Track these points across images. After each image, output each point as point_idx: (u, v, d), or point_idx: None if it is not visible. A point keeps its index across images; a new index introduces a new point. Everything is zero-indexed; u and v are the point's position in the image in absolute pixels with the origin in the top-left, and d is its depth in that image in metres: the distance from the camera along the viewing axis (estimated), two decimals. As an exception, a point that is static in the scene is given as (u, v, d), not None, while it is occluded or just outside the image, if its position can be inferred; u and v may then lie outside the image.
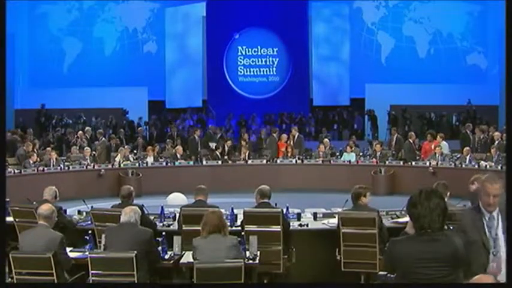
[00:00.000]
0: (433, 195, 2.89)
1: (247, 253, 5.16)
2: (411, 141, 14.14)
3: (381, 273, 5.28)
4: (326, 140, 15.25)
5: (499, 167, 11.35)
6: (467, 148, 12.94)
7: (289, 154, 14.28)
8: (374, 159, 13.60)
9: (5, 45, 5.04)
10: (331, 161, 13.80)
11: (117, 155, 13.71)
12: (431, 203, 2.84)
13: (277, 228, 5.89)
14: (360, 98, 21.30)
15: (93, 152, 14.08)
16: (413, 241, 2.88)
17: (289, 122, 20.04)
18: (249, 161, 13.90)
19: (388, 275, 3.70)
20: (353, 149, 14.44)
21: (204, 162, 13.78)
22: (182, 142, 15.65)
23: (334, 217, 6.66)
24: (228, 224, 5.75)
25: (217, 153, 14.25)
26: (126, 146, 14.81)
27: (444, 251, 2.82)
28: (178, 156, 13.95)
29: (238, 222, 6.40)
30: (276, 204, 6.33)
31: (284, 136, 15.15)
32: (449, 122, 20.11)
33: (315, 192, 12.51)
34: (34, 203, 6.59)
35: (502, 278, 3.13)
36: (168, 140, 16.02)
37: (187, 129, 18.74)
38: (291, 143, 14.78)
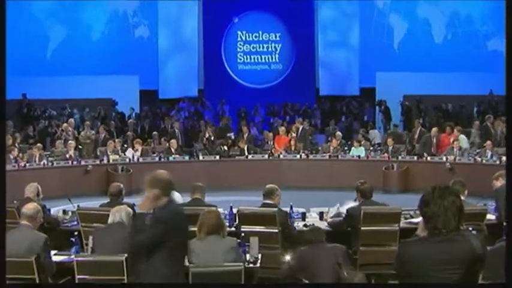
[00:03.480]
0: (448, 193, 2.86)
1: (248, 256, 5.16)
2: (431, 134, 14.10)
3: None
4: (338, 133, 15.22)
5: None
6: (489, 142, 12.92)
7: (292, 148, 14.27)
8: (385, 154, 13.59)
9: (5, 45, 5.19)
10: (339, 156, 13.79)
11: (106, 149, 13.72)
12: (446, 201, 2.82)
13: (274, 229, 5.90)
14: (370, 88, 21.27)
15: (79, 146, 14.08)
16: (427, 243, 2.86)
17: (293, 114, 20.03)
18: (249, 156, 13.89)
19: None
20: (362, 143, 14.43)
21: (201, 157, 13.79)
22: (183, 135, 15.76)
23: (342, 217, 6.67)
24: (227, 224, 5.75)
25: (223, 147, 14.25)
26: (117, 140, 14.81)
27: (461, 252, 2.80)
28: (173, 150, 13.96)
29: (238, 223, 6.40)
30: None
31: (282, 129, 15.13)
32: (469, 114, 20.06)
33: (321, 190, 12.49)
34: (15, 202, 6.59)
35: None
36: (154, 133, 16.05)
37: (182, 120, 18.72)
38: (293, 135, 14.77)
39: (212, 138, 15.08)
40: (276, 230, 5.91)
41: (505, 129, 11.27)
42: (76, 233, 5.81)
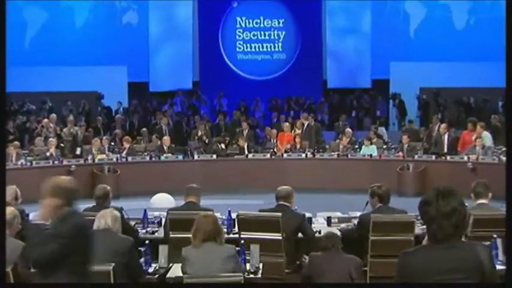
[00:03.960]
0: (451, 198, 2.87)
1: (248, 265, 5.16)
2: (441, 132, 14.09)
3: None
4: (349, 130, 15.21)
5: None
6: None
7: (297, 146, 14.27)
8: (400, 153, 13.59)
9: (5, 45, 5.01)
10: (349, 155, 13.79)
11: (91, 147, 13.72)
12: (448, 207, 2.84)
13: (276, 236, 5.91)
14: (383, 79, 21.26)
15: (61, 144, 14.08)
16: (428, 250, 2.89)
17: (297, 109, 20.03)
18: (250, 155, 13.89)
19: None
20: (374, 140, 14.42)
21: (196, 156, 13.80)
22: (171, 132, 15.74)
23: (352, 222, 6.66)
24: (225, 230, 5.75)
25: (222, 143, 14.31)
26: (104, 137, 14.82)
27: (466, 260, 2.83)
28: (165, 148, 13.97)
29: (236, 229, 6.40)
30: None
31: (286, 125, 15.14)
32: (493, 108, 19.99)
33: (329, 192, 12.51)
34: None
35: None
36: (144, 130, 16.09)
37: (175, 115, 18.74)
38: (298, 132, 14.77)
39: (205, 138, 15.00)
40: (279, 237, 5.91)
41: (505, 129, 11.35)
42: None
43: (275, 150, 14.29)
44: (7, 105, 19.48)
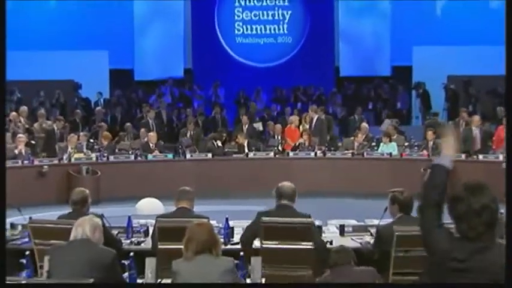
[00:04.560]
0: (483, 194, 3.00)
1: (248, 280, 5.17)
2: (473, 127, 14.08)
3: None
4: (365, 125, 15.22)
5: None
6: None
7: (306, 143, 14.28)
8: (425, 151, 13.59)
9: (5, 45, 4.94)
10: (365, 154, 13.80)
11: (67, 145, 13.74)
12: (477, 204, 2.98)
13: (305, 245, 5.93)
14: (405, 66, 21.26)
15: (32, 141, 14.08)
16: (457, 241, 3.05)
17: (305, 100, 20.04)
18: (250, 154, 13.91)
19: None
20: (394, 137, 14.43)
21: (188, 155, 13.80)
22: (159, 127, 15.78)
23: (370, 232, 6.65)
24: (221, 240, 5.75)
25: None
26: (82, 133, 14.83)
27: (493, 264, 2.94)
28: (151, 146, 13.97)
29: (235, 239, 6.40)
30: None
31: (294, 119, 15.14)
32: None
33: (342, 197, 12.54)
34: None
35: None
36: (128, 125, 16.12)
37: (164, 108, 18.75)
38: (306, 128, 14.78)
39: (193, 143, 15.03)
40: (309, 247, 5.93)
41: (505, 129, 11.42)
42: (27, 253, 5.79)
43: (279, 148, 14.29)
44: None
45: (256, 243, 6.15)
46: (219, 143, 14.31)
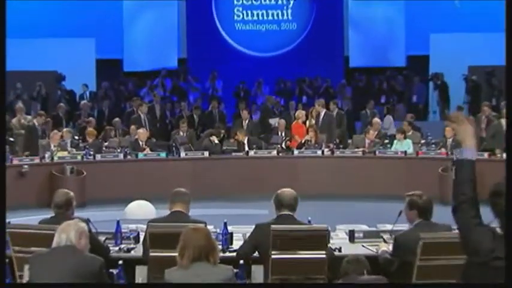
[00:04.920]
0: None
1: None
2: (503, 121, 14.07)
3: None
4: (377, 120, 15.21)
5: None
6: None
7: (312, 141, 14.27)
8: (443, 150, 13.58)
9: (5, 44, 4.95)
10: (377, 153, 13.79)
11: (50, 142, 13.74)
12: None
13: (319, 254, 5.96)
14: (421, 56, 21.26)
15: (10, 139, 14.07)
16: (499, 237, 3.16)
17: (312, 93, 20.04)
18: (251, 152, 13.90)
19: None
20: (409, 133, 14.42)
21: (183, 154, 13.79)
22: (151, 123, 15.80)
23: (382, 239, 6.64)
24: (220, 247, 5.75)
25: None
26: (65, 129, 14.83)
27: None
28: (141, 144, 13.95)
29: (235, 245, 6.39)
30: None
31: (301, 113, 15.14)
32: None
33: (352, 199, 12.53)
34: None
35: None
36: (117, 120, 16.15)
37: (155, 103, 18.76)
38: (313, 123, 14.78)
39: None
40: (323, 256, 5.94)
41: (506, 129, 11.55)
42: (7, 261, 5.81)
43: (283, 145, 14.28)
44: None
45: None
46: (217, 140, 14.31)
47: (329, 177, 13.48)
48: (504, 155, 13.06)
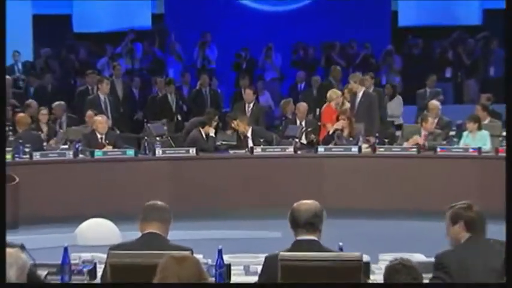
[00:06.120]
0: None
1: None
2: None
3: None
4: (434, 102, 15.18)
5: None
6: None
7: (344, 133, 14.28)
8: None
9: (5, 45, 5.62)
10: (438, 149, 13.79)
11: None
12: None
13: None
14: (501, 10, 21.29)
15: None
16: None
17: (345, 65, 20.05)
18: (257, 149, 13.91)
19: None
20: (485, 122, 14.42)
21: (159, 152, 13.77)
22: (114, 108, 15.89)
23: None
24: (212, 280, 5.80)
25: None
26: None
27: None
28: (99, 137, 13.97)
29: (234, 278, 6.43)
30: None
31: (335, 94, 15.15)
32: None
33: (401, 217, 12.56)
34: None
35: None
36: (61, 103, 16.18)
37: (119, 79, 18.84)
38: (346, 108, 14.81)
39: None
40: None
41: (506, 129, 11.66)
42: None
43: (303, 140, 14.32)
44: None
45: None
46: (213, 133, 14.24)
47: (368, 184, 13.50)
48: None
